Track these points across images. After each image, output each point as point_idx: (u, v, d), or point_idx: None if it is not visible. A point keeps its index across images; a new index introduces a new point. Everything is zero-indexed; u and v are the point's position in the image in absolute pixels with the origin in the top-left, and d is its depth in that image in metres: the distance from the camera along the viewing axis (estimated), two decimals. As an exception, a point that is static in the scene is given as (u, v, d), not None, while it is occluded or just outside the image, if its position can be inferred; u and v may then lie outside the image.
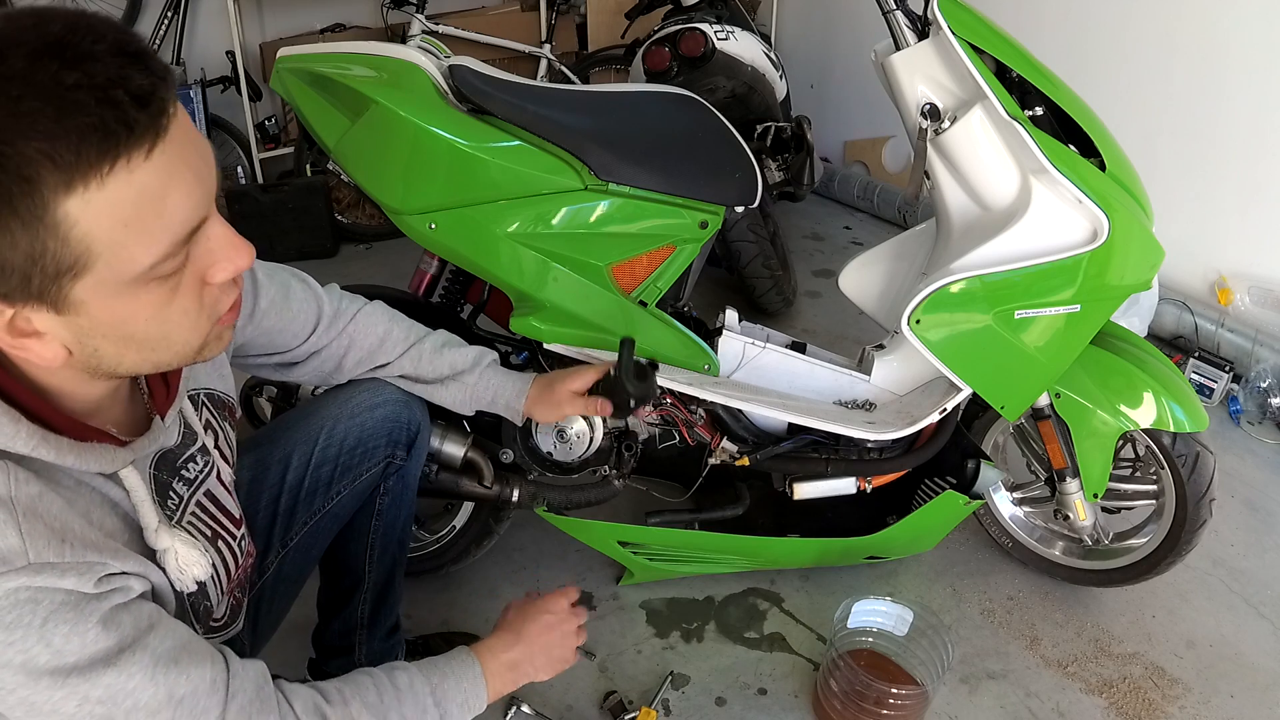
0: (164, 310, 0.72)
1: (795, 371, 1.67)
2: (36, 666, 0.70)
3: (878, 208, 3.69)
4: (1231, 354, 2.59)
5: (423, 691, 0.97)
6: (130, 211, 0.64)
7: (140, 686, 0.75)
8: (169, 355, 0.76)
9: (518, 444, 1.68)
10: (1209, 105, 2.63)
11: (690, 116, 1.59)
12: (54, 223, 0.62)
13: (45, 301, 0.66)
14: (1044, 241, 1.46)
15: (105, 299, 0.68)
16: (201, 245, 0.72)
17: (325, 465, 1.28)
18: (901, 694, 1.49)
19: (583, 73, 3.80)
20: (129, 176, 0.63)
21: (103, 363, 0.73)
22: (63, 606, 0.71)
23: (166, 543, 0.84)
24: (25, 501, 0.70)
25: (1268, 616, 1.86)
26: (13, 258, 0.63)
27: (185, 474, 0.93)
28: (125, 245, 0.65)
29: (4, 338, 0.68)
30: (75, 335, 0.70)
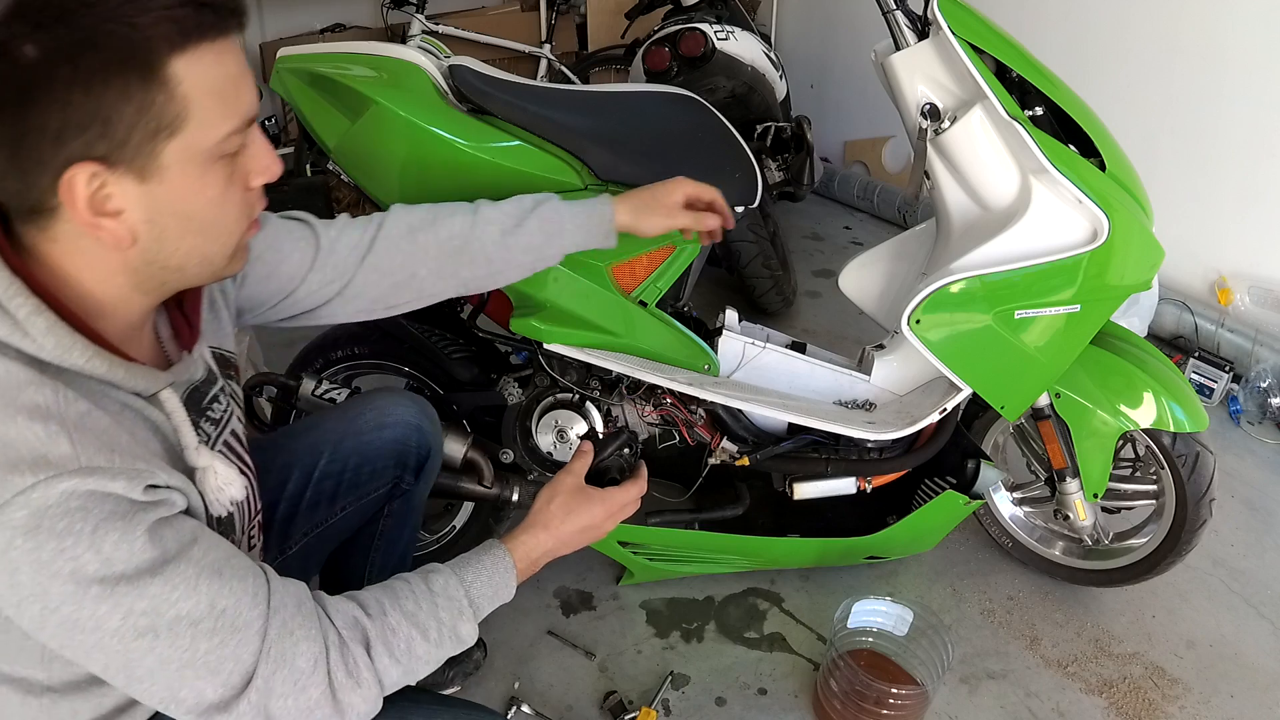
0: (223, 195, 0.81)
1: (795, 371, 1.67)
2: (86, 575, 0.72)
3: (878, 208, 3.69)
4: (1231, 354, 2.59)
5: (457, 592, 0.97)
6: (219, 84, 0.76)
7: (184, 596, 0.77)
8: (218, 247, 0.84)
9: (518, 444, 1.68)
10: (1209, 105, 2.63)
11: (690, 116, 1.60)
12: (165, 78, 0.73)
13: (135, 166, 0.75)
14: (1044, 241, 1.46)
15: (185, 166, 0.77)
16: (249, 147, 0.83)
17: (328, 480, 1.28)
18: (901, 694, 1.49)
19: (583, 73, 3.80)
20: (221, 54, 0.76)
21: (163, 250, 0.80)
22: (112, 515, 0.73)
23: (206, 460, 0.87)
24: (74, 417, 0.74)
25: (1268, 616, 1.86)
26: (126, 110, 0.72)
27: (211, 414, 0.97)
28: (211, 112, 0.76)
29: (84, 214, 0.74)
30: (148, 213, 0.77)
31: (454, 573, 0.99)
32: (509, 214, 1.27)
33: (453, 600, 0.96)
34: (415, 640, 0.92)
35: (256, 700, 0.81)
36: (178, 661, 0.78)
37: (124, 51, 0.71)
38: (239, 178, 0.83)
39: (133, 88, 0.72)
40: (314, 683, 0.84)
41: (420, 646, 0.92)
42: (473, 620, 0.98)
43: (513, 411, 1.71)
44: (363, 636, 0.89)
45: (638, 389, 1.68)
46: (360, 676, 0.87)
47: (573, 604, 1.84)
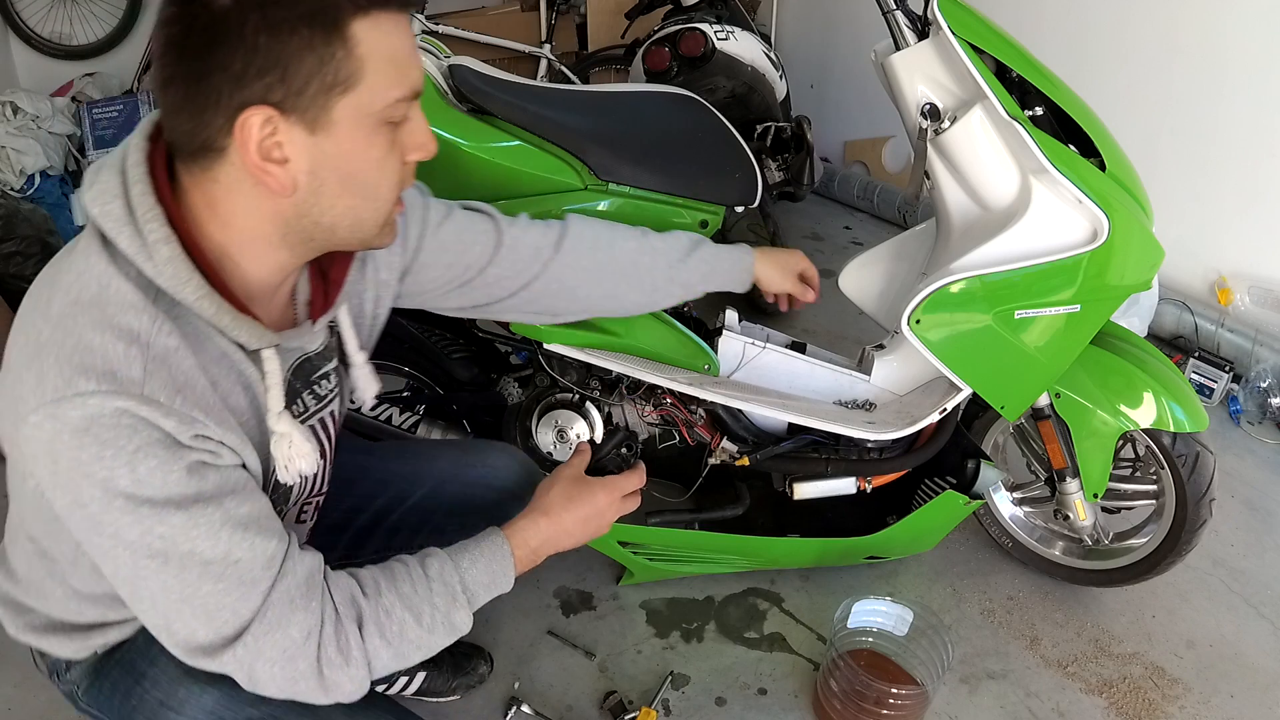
0: (383, 160, 0.84)
1: (795, 371, 1.67)
2: (115, 488, 0.77)
3: (878, 208, 3.69)
4: (1231, 354, 2.59)
5: (452, 578, 0.97)
6: (394, 52, 0.81)
7: (203, 537, 0.81)
8: (370, 211, 0.87)
9: (518, 444, 1.68)
10: (1209, 106, 2.63)
11: (690, 116, 1.60)
12: (346, 36, 0.77)
13: (307, 117, 0.78)
14: (1044, 241, 1.46)
15: (353, 125, 0.80)
16: (411, 121, 0.86)
17: (416, 514, 1.29)
18: (901, 694, 1.49)
19: (583, 73, 3.80)
20: (398, 25, 0.81)
21: (318, 204, 0.83)
22: (157, 444, 0.78)
23: (286, 428, 0.90)
24: (159, 349, 0.79)
25: (1268, 616, 1.86)
26: (306, 60, 0.76)
27: (317, 389, 0.99)
28: (384, 76, 0.80)
29: (253, 157, 0.78)
30: (312, 164, 0.81)
31: (450, 558, 0.99)
32: (675, 248, 1.37)
33: (448, 586, 0.96)
34: (408, 624, 0.92)
35: (243, 656, 0.84)
36: (178, 594, 0.81)
37: (313, 6, 0.75)
38: (398, 148, 0.86)
39: (316, 40, 0.76)
40: (304, 654, 0.86)
41: (413, 630, 0.93)
42: (467, 608, 0.98)
43: (513, 411, 1.71)
44: (357, 615, 0.90)
45: (638, 389, 1.68)
46: (350, 655, 0.88)
47: (573, 604, 1.84)
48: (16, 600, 1.02)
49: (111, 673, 1.01)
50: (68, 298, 0.79)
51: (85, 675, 1.03)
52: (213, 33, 0.74)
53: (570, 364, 1.64)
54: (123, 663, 1.01)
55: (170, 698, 0.96)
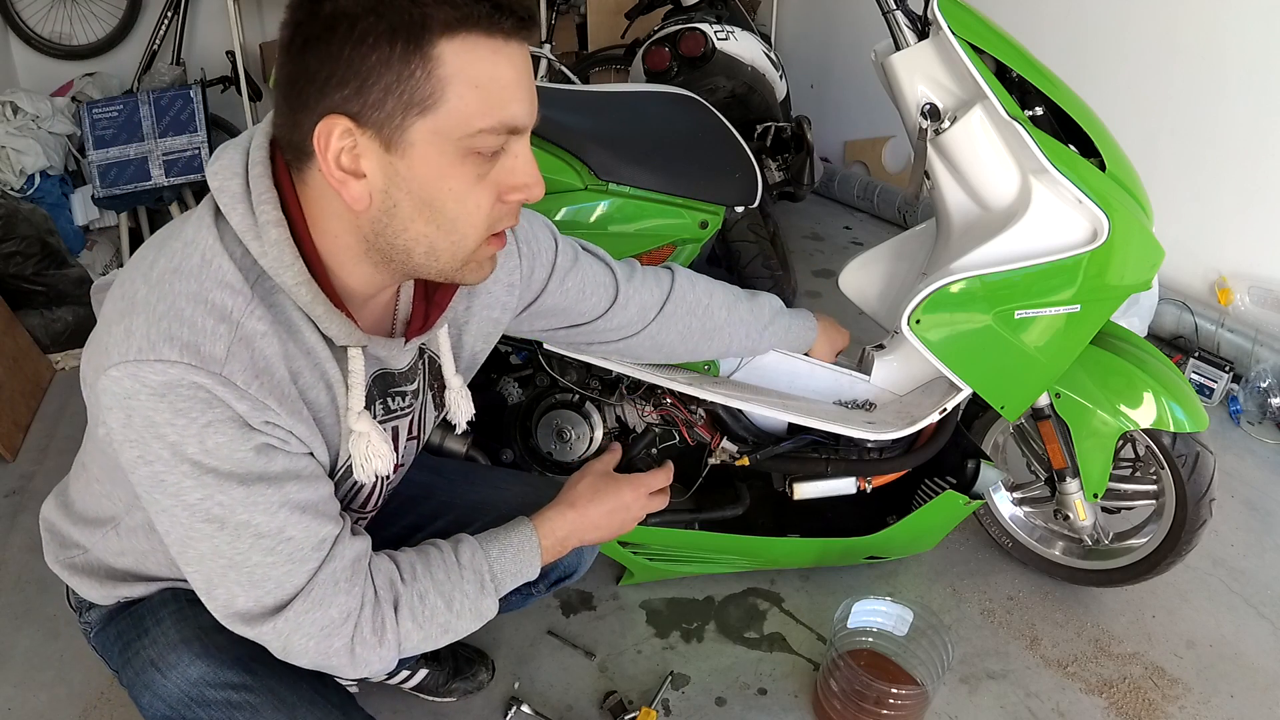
0: (467, 192, 0.82)
1: (795, 371, 1.67)
2: (184, 453, 0.79)
3: (878, 208, 3.69)
4: (1231, 354, 2.59)
5: (482, 566, 1.00)
6: (483, 78, 0.77)
7: (260, 512, 0.83)
8: (447, 244, 0.84)
9: (518, 444, 1.68)
10: (1209, 105, 2.63)
11: (690, 116, 1.60)
12: (428, 55, 0.75)
13: (383, 133, 0.77)
14: (1044, 241, 1.46)
15: (431, 149, 0.79)
16: (513, 157, 0.83)
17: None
18: (901, 694, 1.49)
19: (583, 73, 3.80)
20: (495, 52, 0.77)
21: (392, 222, 0.82)
22: (229, 421, 0.79)
23: (365, 426, 0.91)
24: (246, 330, 0.80)
25: (1268, 616, 1.86)
26: (384, 74, 0.75)
27: (389, 403, 1.00)
28: (468, 103, 0.77)
29: (331, 165, 0.78)
30: (387, 182, 0.80)
31: (481, 547, 1.02)
32: (757, 320, 1.49)
33: (478, 574, 1.00)
34: (440, 609, 0.96)
35: (283, 628, 0.87)
36: (228, 559, 0.83)
37: (396, 21, 0.74)
38: (491, 183, 0.83)
39: (394, 57, 0.75)
40: (341, 633, 0.89)
41: (443, 615, 0.96)
42: (495, 595, 1.01)
43: (513, 411, 1.71)
44: (394, 599, 0.93)
45: (638, 389, 1.68)
46: (385, 637, 0.92)
47: (573, 604, 1.84)
48: (63, 534, 1.06)
49: (121, 622, 1.05)
50: (170, 263, 0.81)
51: (101, 620, 1.07)
52: (310, 37, 0.76)
53: (570, 364, 1.64)
54: (133, 616, 1.04)
55: (161, 659, 0.98)
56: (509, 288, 1.12)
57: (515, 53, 0.79)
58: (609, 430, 1.69)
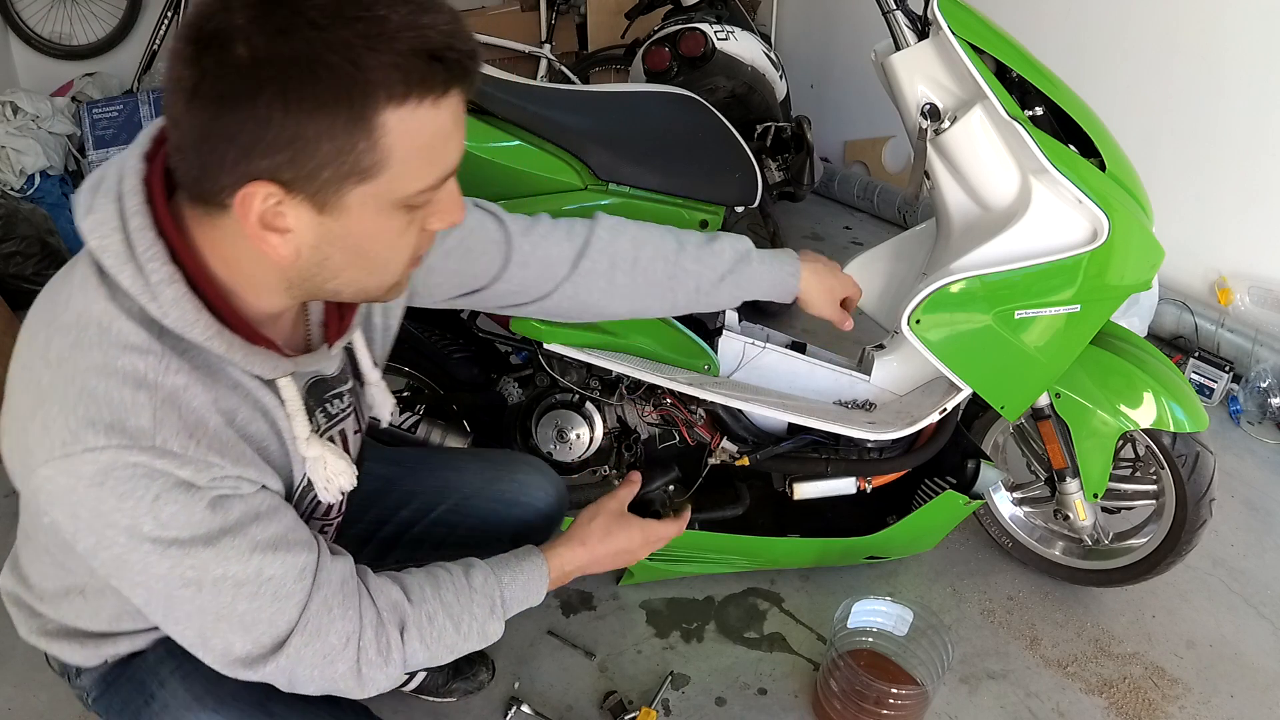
0: (398, 239, 0.79)
1: (795, 371, 1.67)
2: (141, 533, 0.75)
3: (878, 208, 3.69)
4: (1231, 354, 2.59)
5: (494, 592, 1.00)
6: (427, 140, 0.73)
7: (234, 562, 0.80)
8: (376, 283, 0.82)
9: (518, 444, 1.68)
10: (1209, 105, 2.63)
11: (690, 116, 1.59)
12: (373, 126, 0.69)
13: (316, 198, 0.72)
14: (1044, 241, 1.46)
15: (368, 211, 0.74)
16: (442, 194, 0.79)
17: (442, 527, 1.29)
18: (901, 694, 1.49)
19: (583, 73, 3.80)
20: (441, 110, 0.72)
21: (321, 273, 0.78)
22: (175, 488, 0.76)
23: (316, 451, 0.89)
24: (168, 390, 0.75)
25: (1268, 616, 1.86)
26: (324, 146, 0.69)
27: (329, 408, 0.97)
28: (411, 166, 0.73)
29: (253, 227, 0.72)
30: (317, 239, 0.75)
31: (493, 572, 1.01)
32: (708, 271, 1.28)
33: (488, 598, 0.99)
34: (447, 630, 0.95)
35: (285, 665, 0.85)
36: (214, 614, 0.81)
37: (339, 89, 0.67)
38: (418, 222, 0.80)
39: (336, 128, 0.68)
40: (344, 658, 0.88)
41: (450, 637, 0.95)
42: (501, 620, 1.01)
43: (513, 411, 1.71)
44: (400, 620, 0.92)
45: (638, 389, 1.68)
46: (390, 657, 0.91)
47: (573, 604, 1.84)
48: (28, 605, 1.00)
49: (122, 688, 1.01)
50: (66, 339, 0.75)
51: (96, 684, 1.03)
52: (225, 92, 0.67)
53: (570, 364, 1.64)
54: (134, 680, 1.00)
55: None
56: None
57: (454, 100, 0.74)
58: (609, 430, 1.69)
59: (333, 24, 0.66)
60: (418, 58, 0.69)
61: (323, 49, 0.66)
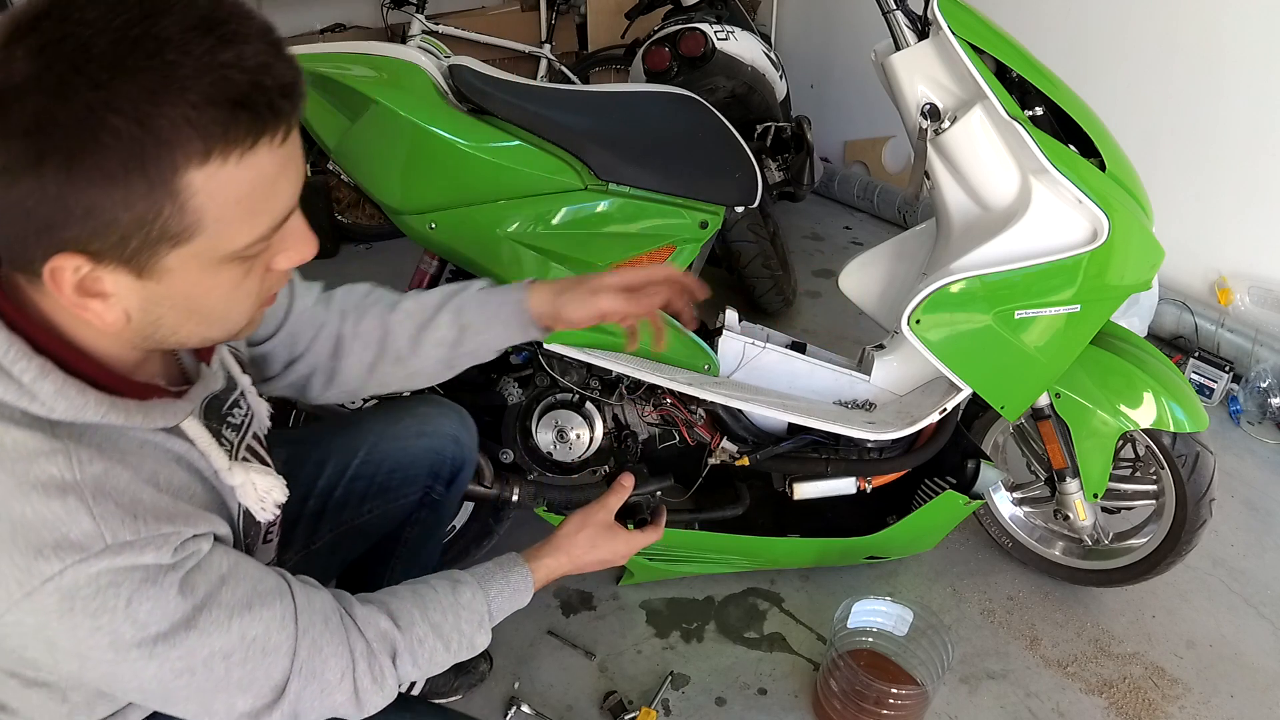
0: (235, 290, 0.73)
1: (795, 371, 1.67)
2: (124, 642, 0.72)
3: (878, 208, 3.69)
4: (1231, 354, 2.59)
5: (481, 607, 1.01)
6: (247, 191, 0.66)
7: (217, 637, 0.78)
8: (220, 332, 0.78)
9: (518, 444, 1.68)
10: (1209, 105, 2.63)
11: (690, 116, 1.59)
12: (177, 189, 0.62)
13: (131, 265, 0.66)
14: (1044, 241, 1.46)
15: (192, 271, 0.68)
16: (282, 235, 0.73)
17: (360, 480, 1.28)
18: (901, 694, 1.49)
19: (583, 73, 3.80)
20: (256, 159, 0.65)
21: (158, 332, 0.73)
22: (144, 583, 0.72)
23: (241, 478, 0.86)
24: (92, 483, 0.70)
25: (1268, 616, 1.86)
26: (123, 216, 0.62)
27: (231, 420, 0.95)
28: (231, 223, 0.67)
29: (70, 295, 0.66)
30: (144, 302, 0.69)
31: (480, 587, 1.02)
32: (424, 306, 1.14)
33: (475, 614, 1.01)
34: (438, 650, 0.96)
35: (288, 710, 0.85)
36: (211, 689, 0.80)
37: (128, 157, 0.60)
38: (261, 265, 0.74)
39: (134, 197, 0.61)
40: (341, 690, 0.88)
41: (441, 655, 0.97)
42: (489, 632, 1.03)
43: (513, 411, 1.71)
44: (391, 648, 0.92)
45: (638, 389, 1.68)
46: (385, 683, 0.91)
47: (573, 604, 1.84)
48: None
49: None
50: None
51: None
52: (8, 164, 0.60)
53: (570, 364, 1.64)
54: None
55: None
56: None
57: (285, 141, 0.67)
58: (608, 430, 1.69)
59: (115, 79, 0.59)
60: (216, 108, 0.61)
61: (105, 112, 0.58)
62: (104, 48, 0.59)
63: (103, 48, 0.59)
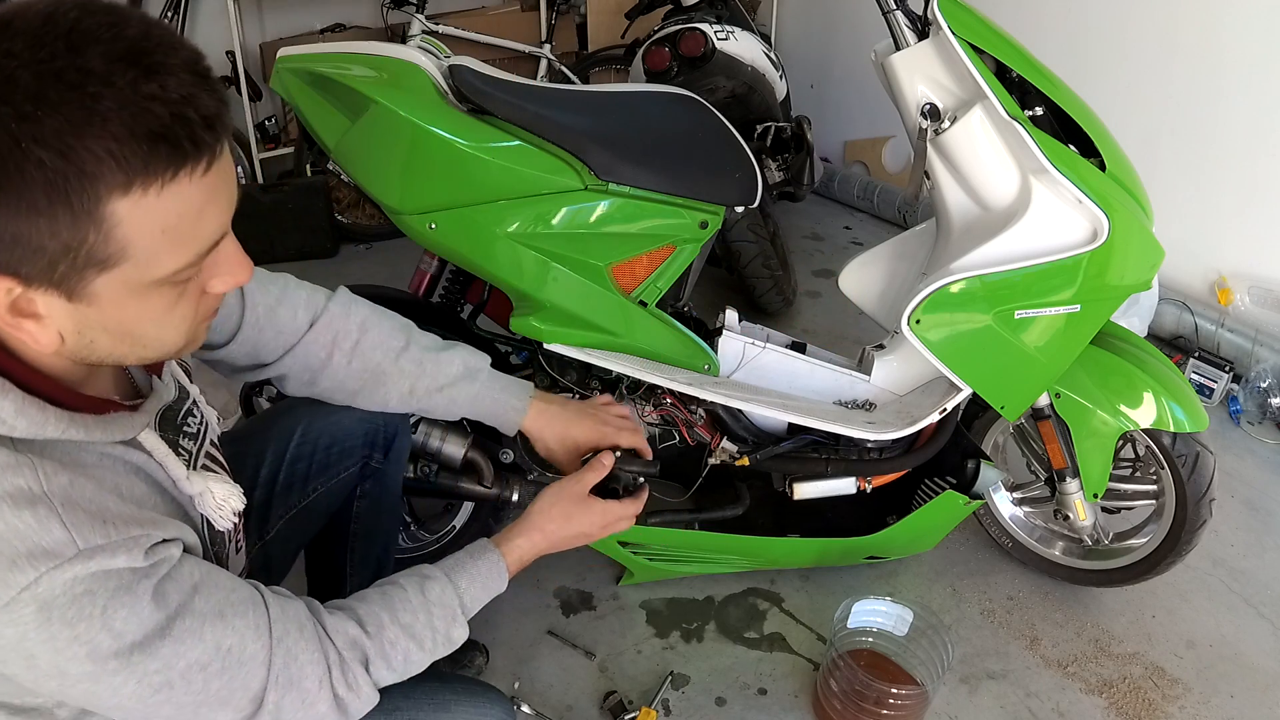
0: (167, 314, 0.74)
1: (795, 371, 1.67)
2: (102, 653, 0.72)
3: (878, 208, 3.69)
4: (1231, 354, 2.59)
5: (452, 601, 1.00)
6: (172, 221, 0.67)
7: (192, 647, 0.78)
8: (156, 352, 0.79)
9: (518, 444, 1.68)
10: (1209, 105, 2.63)
11: (690, 116, 1.59)
12: (100, 218, 0.64)
13: (61, 288, 0.67)
14: (1044, 241, 1.46)
15: (120, 296, 0.69)
16: (211, 257, 0.74)
17: (301, 461, 1.29)
18: (901, 694, 1.49)
19: (583, 73, 3.80)
20: (180, 189, 0.66)
21: (94, 353, 0.74)
22: (118, 589, 0.72)
23: (200, 486, 0.87)
24: (59, 493, 0.71)
25: (1268, 616, 1.86)
26: (48, 244, 0.64)
27: (188, 429, 0.95)
28: (158, 251, 0.68)
29: (4, 315, 0.68)
30: (76, 324, 0.71)
31: (449, 579, 1.01)
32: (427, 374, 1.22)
33: (447, 608, 0.99)
34: (412, 651, 0.96)
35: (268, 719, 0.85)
36: (193, 703, 0.80)
37: (51, 187, 0.61)
38: (195, 288, 0.75)
39: (59, 225, 0.63)
40: (321, 698, 0.88)
41: (416, 655, 0.96)
42: (464, 624, 1.01)
43: (513, 411, 1.71)
44: (362, 656, 0.92)
45: (638, 389, 1.68)
46: (360, 690, 0.91)
47: (573, 604, 1.84)
48: None
49: None
50: None
51: None
52: None
53: (570, 364, 1.64)
54: None
55: None
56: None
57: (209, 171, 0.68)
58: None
59: (38, 110, 0.60)
60: (136, 141, 0.62)
61: (29, 142, 0.60)
62: (28, 80, 0.61)
63: (27, 80, 0.61)
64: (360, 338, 1.20)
